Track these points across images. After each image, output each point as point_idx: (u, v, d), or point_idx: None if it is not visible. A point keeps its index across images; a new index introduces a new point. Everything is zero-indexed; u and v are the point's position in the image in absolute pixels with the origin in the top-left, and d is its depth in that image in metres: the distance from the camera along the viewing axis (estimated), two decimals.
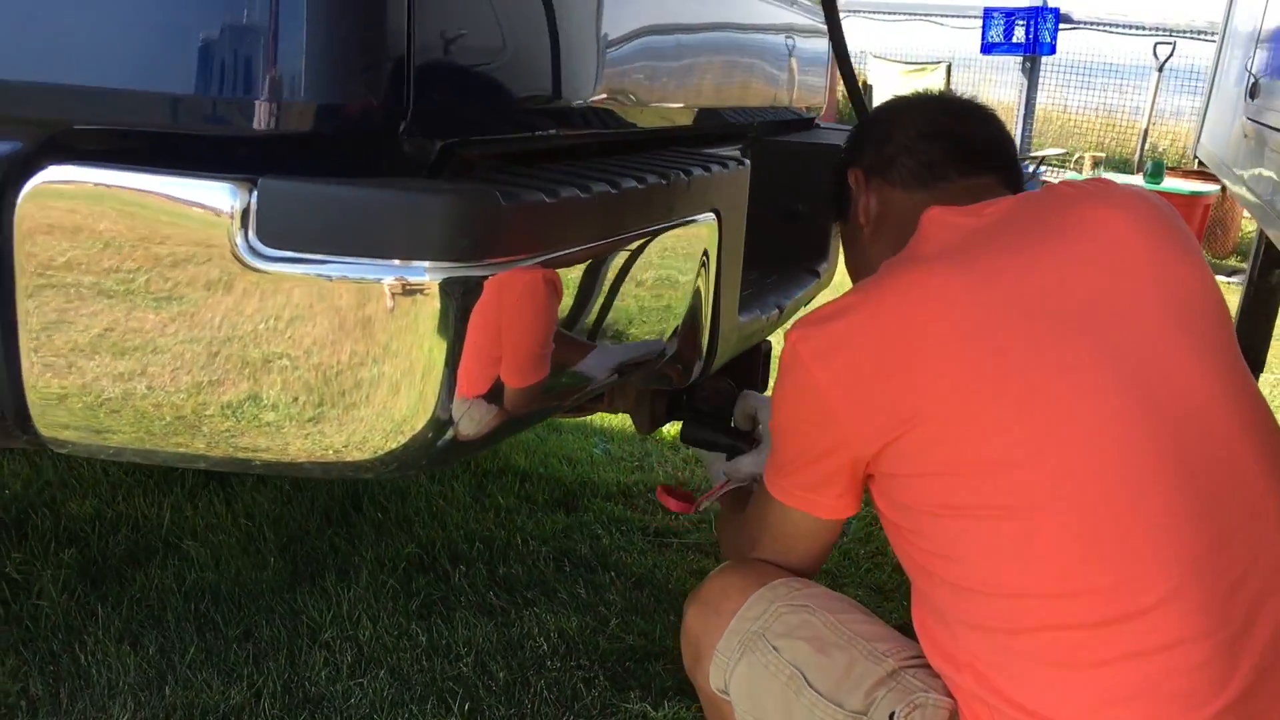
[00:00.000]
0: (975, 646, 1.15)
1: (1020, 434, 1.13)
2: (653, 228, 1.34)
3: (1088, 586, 1.10)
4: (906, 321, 1.20)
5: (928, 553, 1.20)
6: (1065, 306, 1.18)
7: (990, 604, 1.14)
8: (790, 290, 2.10)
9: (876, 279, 1.28)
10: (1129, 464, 1.12)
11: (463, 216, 0.98)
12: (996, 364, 1.15)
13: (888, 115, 1.55)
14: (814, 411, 1.24)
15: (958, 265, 1.23)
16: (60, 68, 1.01)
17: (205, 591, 2.21)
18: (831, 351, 1.23)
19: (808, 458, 1.28)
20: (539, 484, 2.91)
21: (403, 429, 1.07)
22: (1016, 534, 1.13)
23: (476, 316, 1.03)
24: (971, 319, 1.18)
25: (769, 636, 1.30)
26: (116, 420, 1.10)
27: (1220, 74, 3.05)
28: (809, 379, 1.24)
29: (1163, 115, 10.23)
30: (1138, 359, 1.16)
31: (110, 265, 1.01)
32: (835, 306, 1.27)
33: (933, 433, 1.16)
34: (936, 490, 1.17)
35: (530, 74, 1.28)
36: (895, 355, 1.19)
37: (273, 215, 0.98)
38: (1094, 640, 1.10)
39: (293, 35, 0.97)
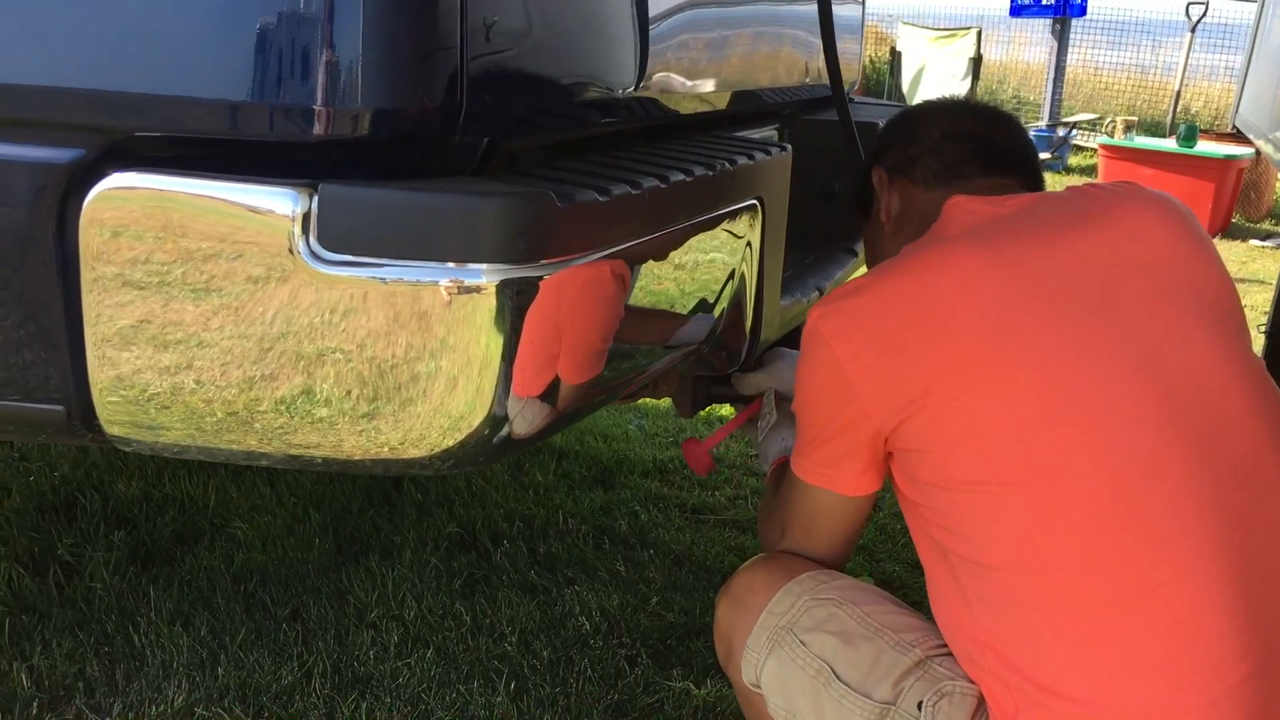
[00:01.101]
0: (995, 625, 1.17)
1: (1038, 407, 1.15)
2: (700, 219, 1.34)
3: (1106, 560, 1.12)
4: (926, 297, 1.22)
5: (946, 530, 1.21)
6: (1085, 289, 1.21)
7: (1010, 579, 1.16)
8: (829, 270, 2.10)
9: (897, 259, 1.30)
10: (1146, 440, 1.14)
11: (519, 219, 1.00)
12: (1016, 339, 1.17)
13: (914, 117, 1.58)
14: (833, 387, 1.26)
15: (979, 245, 1.26)
16: (121, 75, 1.02)
17: (253, 572, 2.25)
18: (850, 327, 1.25)
19: (828, 433, 1.30)
20: (576, 461, 2.94)
21: (460, 426, 1.09)
22: (1035, 507, 1.14)
23: (532, 315, 1.05)
24: (991, 296, 1.20)
25: (796, 631, 1.31)
26: (176, 417, 1.13)
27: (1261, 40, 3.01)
28: (829, 355, 1.25)
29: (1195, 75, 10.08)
30: (1155, 342, 1.19)
31: (174, 270, 1.03)
32: (855, 284, 1.30)
33: (951, 406, 1.18)
34: (955, 464, 1.19)
35: (575, 68, 1.28)
36: (914, 329, 1.21)
37: (333, 220, 0.99)
38: (1113, 614, 1.11)
39: (349, 43, 0.98)
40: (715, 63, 1.73)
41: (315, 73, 0.98)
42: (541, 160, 1.33)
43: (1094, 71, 11.18)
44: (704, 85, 1.69)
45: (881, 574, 2.47)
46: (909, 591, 2.41)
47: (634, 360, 1.31)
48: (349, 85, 0.99)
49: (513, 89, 1.16)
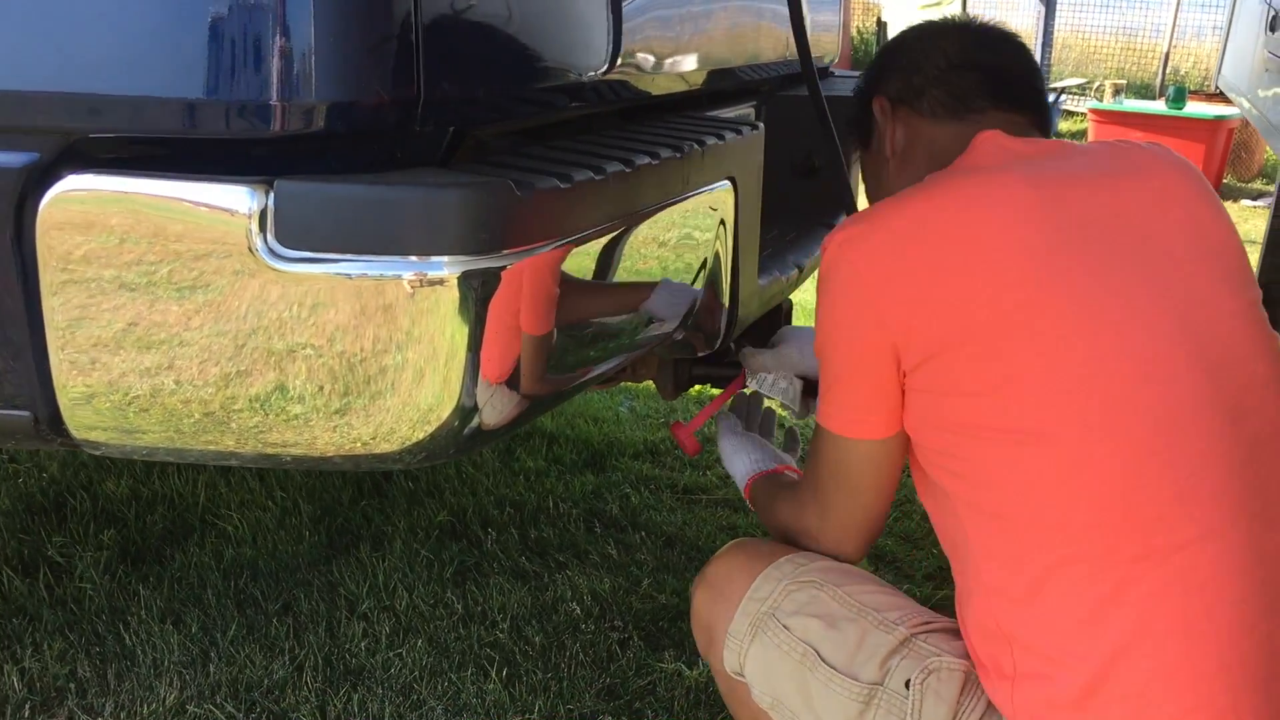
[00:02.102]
0: (1005, 582, 1.14)
1: (1079, 358, 1.11)
2: (669, 201, 1.33)
3: (1134, 517, 1.09)
4: (972, 227, 1.16)
5: (958, 477, 1.18)
6: (1126, 240, 1.18)
7: (1025, 535, 1.13)
8: (809, 248, 2.09)
9: (928, 185, 1.24)
10: (1182, 398, 1.12)
11: (478, 210, 0.99)
12: (1061, 284, 1.13)
13: (916, 42, 1.47)
14: (861, 317, 1.20)
15: (1027, 179, 1.20)
16: (74, 77, 1.01)
17: (243, 567, 2.25)
18: (883, 249, 1.19)
19: (858, 373, 1.23)
20: (567, 445, 2.94)
21: (429, 419, 1.08)
22: (1065, 459, 1.11)
23: (496, 306, 1.04)
24: (1041, 235, 1.15)
25: (779, 616, 1.30)
26: (146, 419, 1.12)
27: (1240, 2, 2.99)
28: (854, 280, 1.19)
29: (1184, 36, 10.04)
30: (1189, 303, 1.17)
31: (133, 272, 1.02)
32: (883, 208, 1.23)
33: (987, 347, 1.13)
34: (985, 410, 1.14)
35: (539, 53, 1.27)
36: (956, 259, 1.15)
37: (290, 216, 0.98)
38: (1134, 574, 1.08)
39: (301, 36, 0.97)
40: (688, 41, 1.71)
41: (268, 67, 0.97)
42: (509, 147, 1.31)
43: (1082, 36, 11.13)
44: (677, 65, 1.68)
45: (874, 548, 2.47)
46: (901, 565, 2.41)
47: (606, 346, 1.30)
48: (302, 79, 0.97)
49: (474, 76, 1.15)
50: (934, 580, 2.33)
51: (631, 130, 1.49)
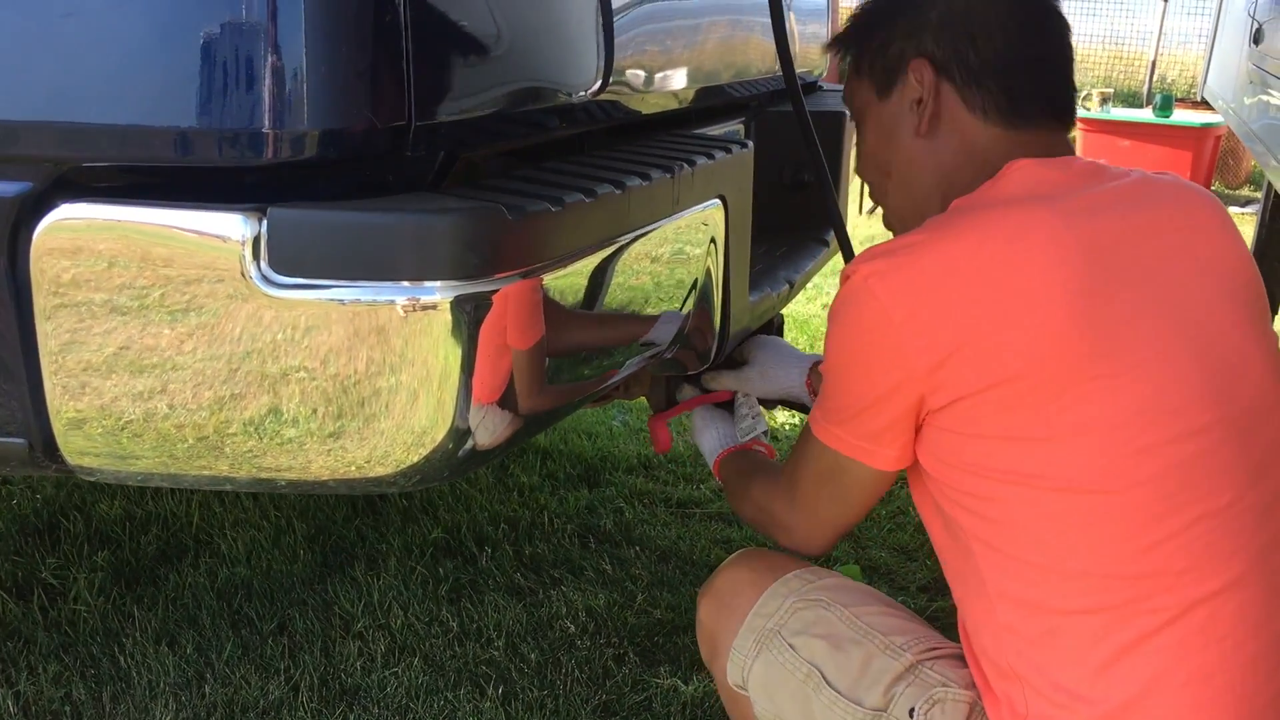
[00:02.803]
0: (1020, 623, 1.12)
1: (1114, 408, 1.09)
2: (659, 221, 1.34)
3: (1159, 571, 1.08)
4: (1007, 270, 1.11)
5: (979, 516, 1.15)
6: (1154, 283, 1.15)
7: (1048, 579, 1.11)
8: (800, 263, 2.10)
9: (961, 220, 1.18)
10: (1208, 455, 1.10)
11: (470, 235, 1.00)
12: (1098, 335, 1.10)
13: (965, 3, 1.28)
14: (882, 351, 1.15)
15: (1062, 219, 1.14)
16: (67, 107, 1.02)
17: (238, 587, 2.25)
18: (912, 288, 1.13)
19: (869, 402, 1.19)
20: (560, 461, 2.94)
21: (423, 441, 1.09)
22: (1095, 510, 1.09)
23: (488, 329, 1.05)
24: (1077, 280, 1.10)
25: (784, 634, 1.29)
26: (140, 445, 1.12)
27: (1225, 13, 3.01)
28: (880, 317, 1.14)
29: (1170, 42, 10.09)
30: (1218, 350, 1.15)
31: (126, 300, 1.03)
32: (912, 240, 1.17)
33: (1021, 393, 1.09)
34: (1011, 455, 1.11)
35: (529, 76, 1.28)
36: (991, 303, 1.10)
37: (283, 243, 0.99)
38: (1156, 624, 1.07)
39: (292, 65, 0.97)
40: (677, 61, 1.72)
41: (260, 96, 0.98)
42: (501, 168, 1.32)
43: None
44: (666, 84, 1.69)
45: (868, 560, 2.47)
46: (895, 577, 2.42)
47: (598, 366, 1.31)
48: (294, 107, 0.98)
49: (464, 101, 1.16)
50: (928, 592, 2.33)
51: (622, 149, 1.49)
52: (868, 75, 1.35)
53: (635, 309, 1.35)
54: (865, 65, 1.35)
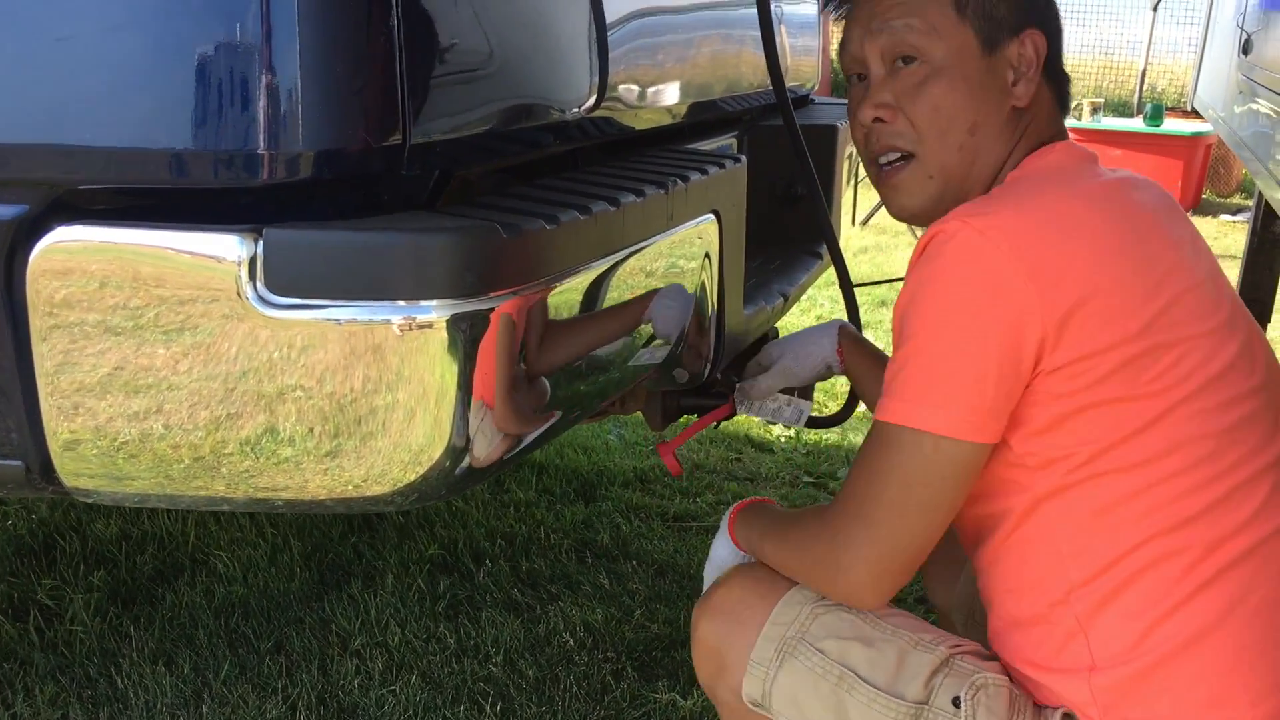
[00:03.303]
0: (1096, 577, 1.16)
1: (1205, 367, 1.17)
2: (654, 237, 1.35)
3: (1235, 509, 1.16)
4: (1069, 218, 1.17)
5: (1100, 452, 1.14)
6: (1188, 260, 1.23)
7: (1136, 525, 1.15)
8: (794, 275, 2.11)
9: (1032, 188, 1.22)
10: (1262, 407, 1.20)
11: (466, 254, 1.00)
12: (1177, 295, 1.17)
13: None
14: (1008, 303, 1.11)
15: (1113, 189, 1.25)
16: (61, 129, 1.02)
17: (235, 606, 2.25)
18: (1030, 235, 1.13)
19: (987, 366, 1.12)
20: (556, 475, 2.94)
21: (420, 460, 1.09)
22: (1188, 457, 1.15)
23: (485, 346, 1.05)
24: (1144, 248, 1.19)
25: (810, 639, 1.26)
26: (137, 466, 1.12)
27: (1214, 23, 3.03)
28: (1004, 264, 1.11)
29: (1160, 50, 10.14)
30: (1248, 332, 1.24)
31: (123, 323, 1.03)
32: (1006, 198, 1.20)
33: (1134, 354, 1.12)
34: (1117, 418, 1.13)
35: (522, 95, 1.28)
36: (1104, 258, 1.15)
37: (279, 264, 0.99)
38: (1230, 559, 1.15)
39: (287, 87, 0.98)
40: (670, 76, 1.73)
41: (255, 118, 0.98)
42: (495, 185, 1.33)
43: None
44: (660, 99, 1.69)
45: None
46: None
47: (594, 382, 1.31)
48: (289, 129, 0.98)
49: (459, 120, 1.16)
50: (925, 604, 2.33)
51: (616, 166, 1.50)
52: (972, 18, 1.26)
53: (631, 325, 1.35)
54: (972, 5, 1.27)
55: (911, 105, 1.27)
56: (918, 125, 1.27)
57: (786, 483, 3.00)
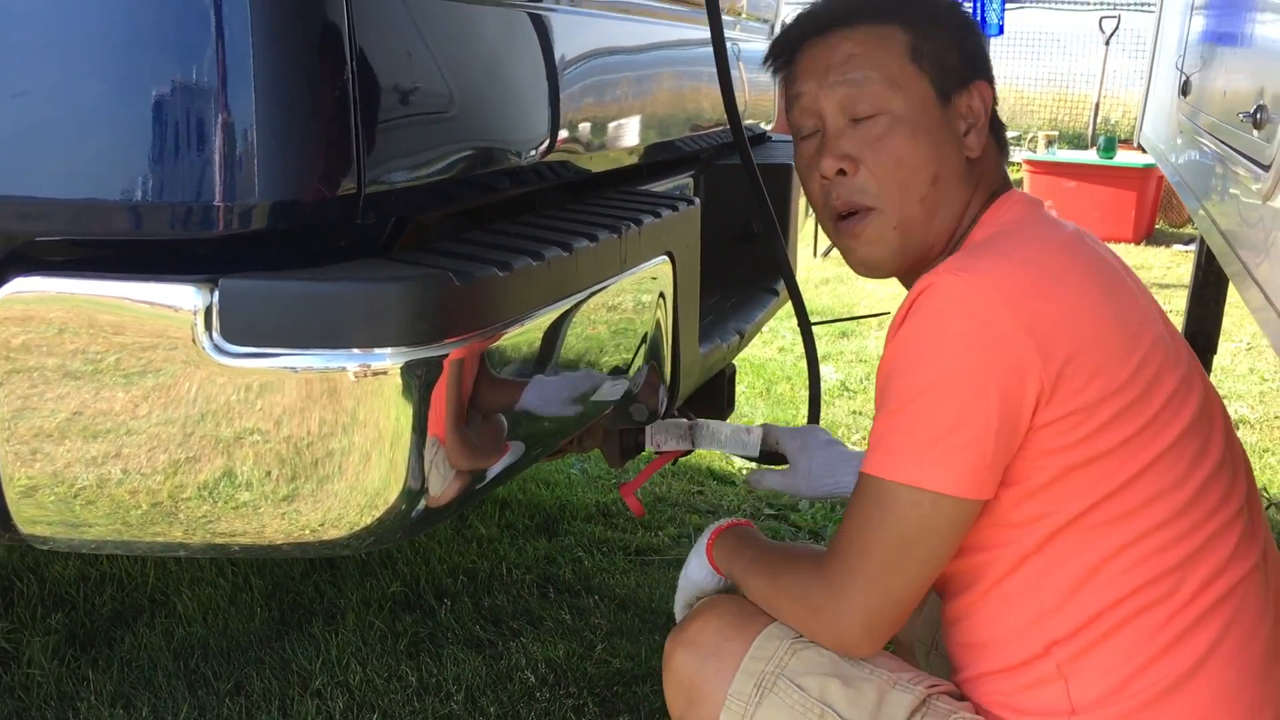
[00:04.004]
0: (1077, 626, 1.18)
1: (1181, 420, 1.19)
2: (608, 281, 1.37)
3: (1212, 557, 1.19)
4: (1049, 266, 1.19)
5: (1089, 507, 1.16)
6: (1147, 308, 1.27)
7: (1115, 578, 1.17)
8: (750, 313, 2.14)
9: (1013, 239, 1.23)
10: (1225, 456, 1.24)
11: (419, 303, 1.02)
12: (1150, 347, 1.20)
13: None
14: (1004, 355, 1.11)
15: (1077, 240, 1.27)
16: (19, 183, 1.03)
17: (194, 647, 2.24)
18: (1022, 287, 1.14)
19: (983, 422, 1.11)
20: (519, 510, 2.95)
21: (376, 504, 1.10)
22: (1167, 510, 1.17)
23: (439, 392, 1.07)
24: (1117, 299, 1.22)
25: (789, 675, 1.25)
26: (93, 512, 1.13)
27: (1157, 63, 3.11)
28: (1000, 316, 1.11)
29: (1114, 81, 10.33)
30: (1200, 377, 1.27)
31: (81, 373, 1.04)
32: (990, 251, 1.21)
33: (1122, 405, 1.14)
34: (1103, 473, 1.15)
35: (478, 141, 1.31)
36: (1087, 311, 1.17)
37: (235, 313, 1.01)
38: (1208, 604, 1.18)
39: (243, 140, 1.00)
40: (625, 118, 1.77)
41: (211, 171, 1.00)
42: (451, 229, 1.35)
43: (1015, 88, 11.43)
44: (615, 141, 1.73)
45: None
46: None
47: (551, 423, 1.33)
48: (244, 181, 1.00)
49: (413, 168, 1.19)
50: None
51: (571, 209, 1.53)
52: (928, 68, 1.27)
53: (586, 366, 1.38)
54: (928, 57, 1.27)
55: (874, 158, 1.26)
56: (880, 178, 1.26)
57: (748, 515, 3.03)
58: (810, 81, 1.30)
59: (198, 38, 1.00)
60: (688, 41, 2.05)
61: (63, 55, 1.02)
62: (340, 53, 1.06)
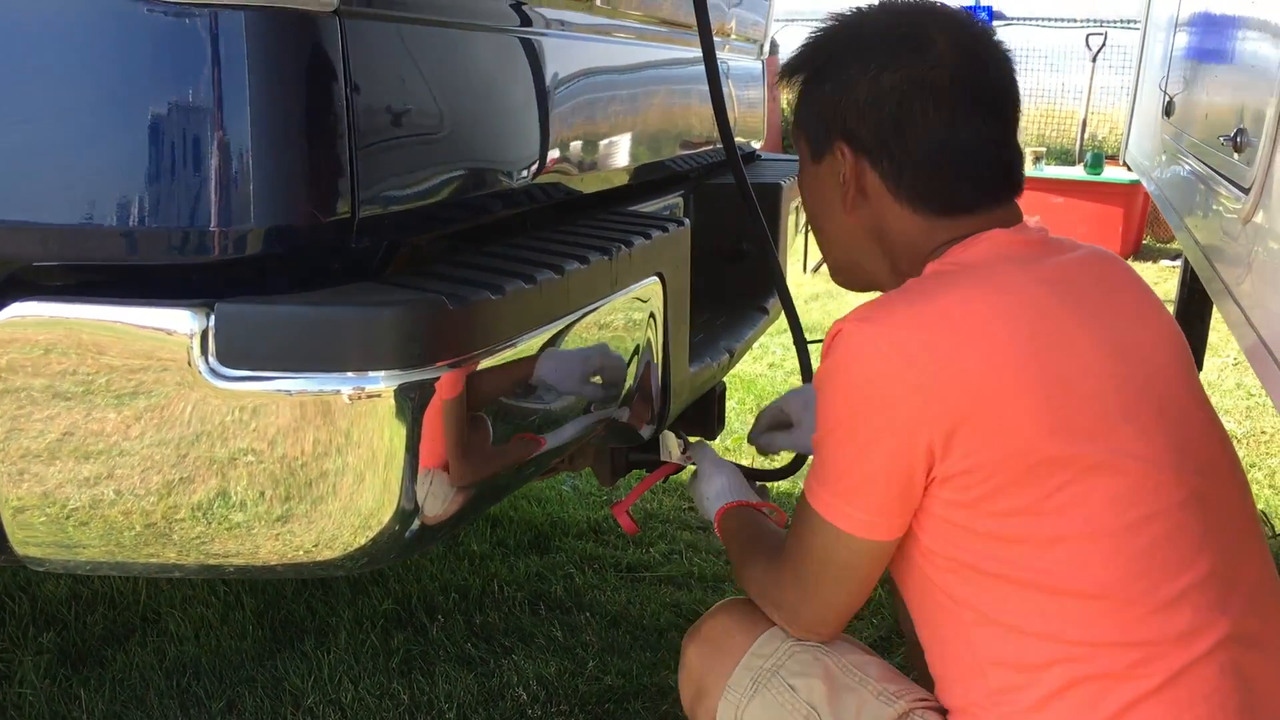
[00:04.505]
0: (1014, 689, 1.16)
1: (1107, 488, 1.14)
2: (599, 302, 1.39)
3: (1153, 638, 1.13)
4: (1006, 336, 1.16)
5: (973, 586, 1.18)
6: (1130, 353, 1.21)
7: (1044, 648, 1.15)
8: (740, 331, 2.16)
9: (951, 285, 1.20)
10: (1185, 524, 1.17)
11: (412, 326, 1.03)
12: (1082, 411, 1.15)
13: (884, 72, 1.23)
14: (897, 409, 1.14)
15: (1037, 284, 1.20)
16: (16, 208, 1.04)
17: (186, 666, 2.24)
18: (924, 343, 1.14)
19: (877, 468, 1.16)
20: (510, 527, 2.96)
21: (369, 524, 1.11)
22: (1092, 587, 1.13)
23: (432, 414, 1.08)
24: (1050, 357, 1.16)
25: (783, 674, 1.31)
26: (92, 534, 1.14)
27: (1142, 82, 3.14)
28: (893, 373, 1.13)
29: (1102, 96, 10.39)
30: (1183, 422, 1.21)
31: (77, 394, 1.05)
32: (903, 301, 1.20)
33: (1018, 473, 1.12)
34: (1011, 551, 1.15)
35: (470, 165, 1.33)
36: (991, 372, 1.14)
37: (230, 337, 1.02)
38: (1152, 686, 1.12)
39: (240, 165, 1.01)
40: (615, 141, 1.78)
41: (207, 197, 1.01)
42: (443, 252, 1.36)
43: None
44: (607, 162, 1.75)
45: None
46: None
47: (543, 443, 1.34)
48: (240, 207, 1.02)
49: (406, 192, 1.20)
50: (879, 648, 2.37)
51: (562, 229, 1.54)
52: (803, 129, 1.33)
53: (577, 386, 1.39)
54: (800, 119, 1.33)
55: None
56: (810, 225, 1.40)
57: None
58: None
59: (194, 65, 1.01)
60: (676, 61, 2.07)
61: (61, 82, 1.04)
62: (334, 80, 1.07)
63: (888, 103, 1.24)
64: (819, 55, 1.32)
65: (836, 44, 1.30)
